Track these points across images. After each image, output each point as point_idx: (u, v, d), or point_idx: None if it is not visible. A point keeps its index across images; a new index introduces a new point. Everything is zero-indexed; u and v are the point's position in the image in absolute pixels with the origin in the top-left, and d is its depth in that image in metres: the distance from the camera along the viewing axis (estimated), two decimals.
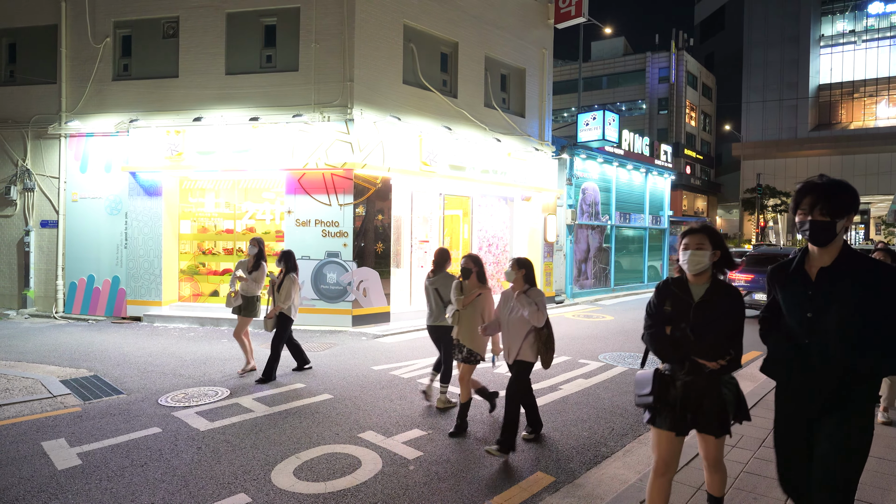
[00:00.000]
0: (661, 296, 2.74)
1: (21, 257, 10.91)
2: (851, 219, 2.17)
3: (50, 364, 6.83)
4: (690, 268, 2.63)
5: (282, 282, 6.33)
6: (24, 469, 3.83)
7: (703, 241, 2.65)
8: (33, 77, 10.93)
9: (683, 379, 2.63)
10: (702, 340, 2.57)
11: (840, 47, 44.57)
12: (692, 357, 2.60)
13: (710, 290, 2.64)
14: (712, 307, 2.60)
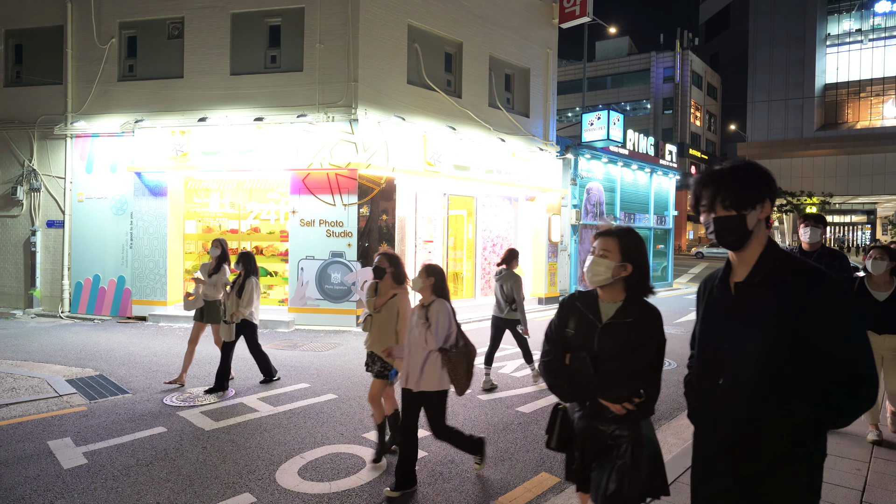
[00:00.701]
0: (563, 314, 2.21)
1: (27, 257, 10.96)
2: (768, 208, 1.65)
3: (56, 363, 6.86)
4: (588, 278, 2.13)
5: (242, 285, 5.78)
6: (30, 468, 3.84)
7: (610, 247, 2.12)
8: (39, 78, 10.99)
9: (581, 424, 2.11)
10: (604, 375, 2.03)
11: (846, 46, 44.34)
12: (593, 397, 2.07)
13: (622, 309, 2.10)
14: (622, 332, 2.05)
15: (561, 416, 2.19)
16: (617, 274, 2.09)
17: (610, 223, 15.00)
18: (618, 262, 2.10)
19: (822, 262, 4.28)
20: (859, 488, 3.51)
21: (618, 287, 2.13)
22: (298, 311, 9.69)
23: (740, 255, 1.66)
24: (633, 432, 2.04)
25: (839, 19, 44.53)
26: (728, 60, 54.94)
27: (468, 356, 3.60)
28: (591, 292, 2.20)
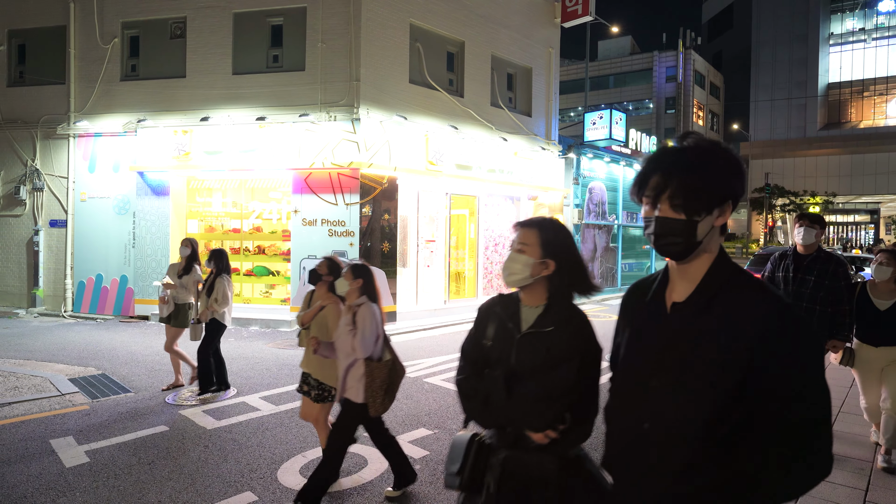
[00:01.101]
0: (481, 321, 1.84)
1: (30, 256, 10.99)
2: (729, 212, 1.25)
3: (59, 362, 6.87)
4: (504, 278, 1.78)
5: (212, 283, 5.44)
6: (32, 466, 3.85)
7: (528, 240, 1.75)
8: (42, 78, 11.01)
9: (500, 455, 1.71)
10: (521, 396, 1.66)
11: (850, 45, 44.19)
12: (508, 423, 1.70)
13: (542, 316, 1.73)
14: (542, 343, 1.69)
15: (476, 448, 1.75)
16: (537, 273, 1.72)
17: (612, 224, 14.99)
18: (538, 259, 1.73)
19: (816, 266, 3.94)
20: (863, 488, 3.49)
21: (540, 288, 1.75)
22: (300, 310, 9.68)
23: (683, 267, 1.27)
24: (559, 467, 1.66)
25: (842, 18, 44.39)
26: (731, 60, 54.82)
27: (392, 374, 3.27)
28: (513, 295, 1.82)
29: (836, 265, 3.94)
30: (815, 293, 3.91)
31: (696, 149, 1.25)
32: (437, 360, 7.34)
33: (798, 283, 3.97)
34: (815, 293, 3.91)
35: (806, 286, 3.95)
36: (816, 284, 3.93)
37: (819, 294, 3.90)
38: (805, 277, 3.96)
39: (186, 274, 5.81)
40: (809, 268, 3.97)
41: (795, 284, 3.98)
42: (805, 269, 3.98)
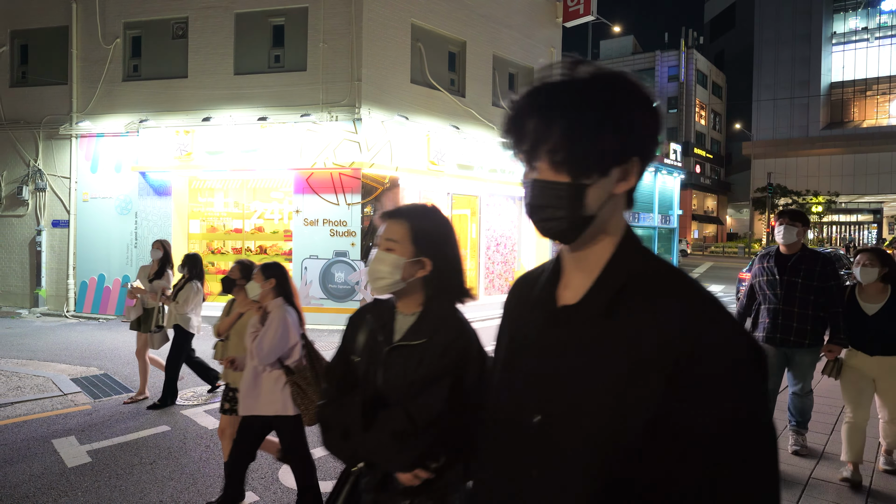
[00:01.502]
0: (351, 332, 1.52)
1: (33, 257, 11.02)
2: (636, 172, 0.85)
3: (61, 362, 6.89)
4: (371, 283, 1.44)
5: (181, 288, 5.19)
6: (34, 466, 3.86)
7: (398, 235, 1.41)
8: (45, 78, 11.04)
9: (367, 499, 1.39)
10: (381, 426, 1.34)
11: (853, 45, 44.06)
12: (366, 459, 1.38)
13: (415, 326, 1.41)
14: (412, 359, 1.36)
15: (350, 485, 1.43)
16: (409, 275, 1.39)
17: None
18: (409, 258, 1.40)
19: (802, 267, 3.69)
20: (864, 488, 3.48)
21: (416, 293, 1.43)
22: (302, 310, 9.69)
23: (577, 254, 0.89)
24: None
25: (845, 17, 44.26)
26: (733, 59, 54.73)
27: (315, 381, 2.94)
28: (389, 300, 1.50)
29: (822, 264, 3.70)
30: (805, 296, 3.67)
31: (591, 80, 0.83)
32: None
33: (786, 286, 3.72)
34: (805, 296, 3.67)
35: (794, 289, 3.70)
36: (805, 287, 3.67)
37: (810, 297, 3.66)
38: (792, 280, 3.71)
39: (158, 278, 5.51)
40: (795, 269, 3.72)
41: (783, 288, 3.73)
42: (790, 270, 3.73)
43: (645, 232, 17.68)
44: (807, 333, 3.70)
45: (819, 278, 3.66)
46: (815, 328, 3.71)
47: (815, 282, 3.66)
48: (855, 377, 3.57)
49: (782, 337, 3.74)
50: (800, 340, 3.71)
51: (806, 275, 3.69)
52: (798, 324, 3.70)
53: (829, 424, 4.71)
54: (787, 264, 3.75)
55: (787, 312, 3.72)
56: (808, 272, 3.69)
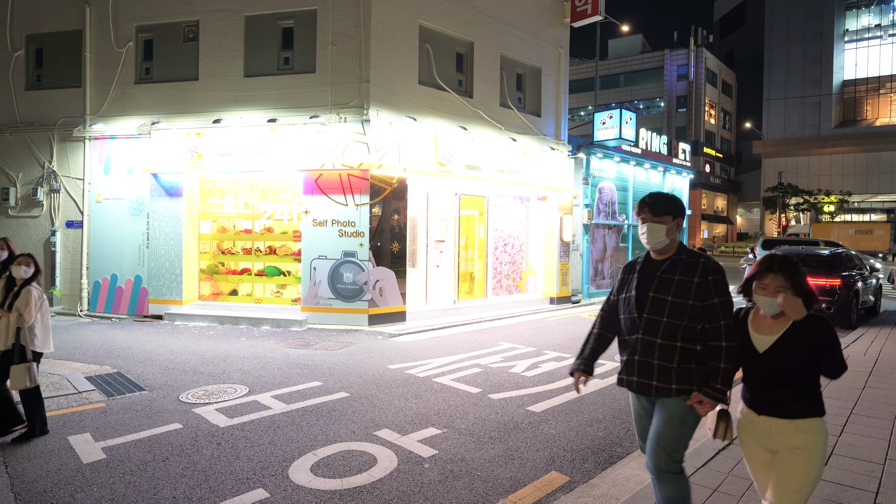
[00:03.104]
0: None
1: (47, 257, 11.20)
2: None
3: (75, 361, 7.01)
4: None
5: (17, 295, 4.41)
6: (51, 462, 3.95)
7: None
8: (59, 81, 11.21)
9: None
10: None
11: (865, 42, 43.55)
12: None
13: None
14: None
15: None
16: None
17: (622, 223, 14.98)
18: None
19: (674, 277, 2.54)
20: (873, 490, 3.48)
21: None
22: (311, 310, 9.79)
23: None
24: None
25: (857, 14, 43.75)
26: (743, 57, 54.29)
27: None
28: None
29: (704, 271, 2.50)
30: (674, 322, 2.49)
31: None
32: (446, 359, 7.38)
33: (650, 306, 2.54)
34: (674, 322, 2.49)
35: (660, 311, 2.52)
36: (675, 307, 2.49)
37: (681, 323, 2.48)
38: (658, 297, 2.53)
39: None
40: (664, 281, 2.55)
41: (641, 309, 2.57)
42: (658, 283, 2.55)
43: None
44: (672, 375, 2.50)
45: (697, 294, 2.49)
46: (686, 369, 2.51)
47: (690, 299, 2.49)
48: (753, 446, 2.43)
49: (640, 380, 2.58)
50: (664, 385, 2.52)
51: (679, 289, 2.52)
52: (661, 360, 2.53)
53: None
54: (656, 274, 2.59)
55: (647, 344, 2.56)
56: (683, 286, 2.52)
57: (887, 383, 6.04)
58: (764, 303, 2.34)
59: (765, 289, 2.34)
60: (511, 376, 6.51)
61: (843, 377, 2.64)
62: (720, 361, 2.44)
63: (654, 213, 2.58)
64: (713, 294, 2.48)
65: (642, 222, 2.60)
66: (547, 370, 6.82)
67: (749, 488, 3.45)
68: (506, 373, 6.65)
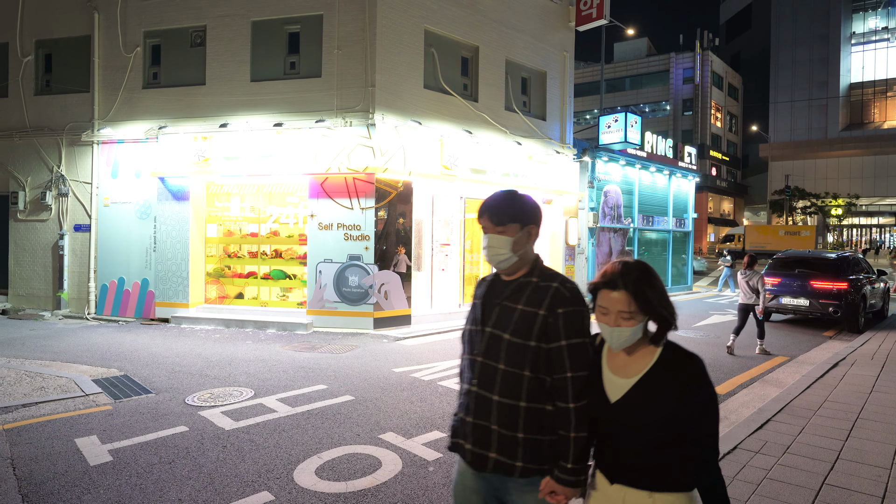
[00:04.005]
0: None
1: (55, 260, 11.29)
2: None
3: (83, 364, 7.06)
4: None
5: None
6: (58, 464, 3.98)
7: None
8: (68, 86, 11.33)
9: None
10: None
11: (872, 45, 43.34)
12: None
13: None
14: None
15: None
16: None
17: (627, 227, 14.95)
18: None
19: (518, 305, 1.82)
20: (879, 494, 3.46)
21: None
22: (316, 313, 9.82)
23: None
24: None
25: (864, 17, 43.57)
26: (749, 60, 54.12)
27: None
28: None
29: (553, 301, 1.77)
30: (513, 371, 1.78)
31: None
32: (450, 363, 7.38)
33: (486, 347, 1.84)
34: (513, 371, 1.78)
35: (495, 354, 1.81)
36: (514, 350, 1.78)
37: (522, 372, 1.77)
38: (495, 335, 1.83)
39: None
40: (506, 312, 1.84)
41: (475, 349, 1.87)
42: (499, 314, 1.85)
43: (659, 235, 17.57)
44: (518, 449, 1.77)
45: (543, 333, 1.77)
46: (538, 440, 1.78)
47: (532, 339, 1.77)
48: None
49: (475, 450, 1.82)
50: (506, 461, 1.77)
51: (521, 324, 1.79)
52: (502, 426, 1.78)
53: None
54: (499, 300, 1.88)
55: (482, 401, 1.82)
56: (524, 320, 1.79)
57: (895, 387, 5.99)
58: (605, 333, 1.73)
59: (605, 312, 1.70)
60: None
61: (850, 381, 1.94)
62: (569, 429, 1.72)
63: (495, 221, 1.90)
64: (561, 333, 1.74)
65: (483, 233, 1.93)
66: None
67: (754, 492, 3.43)
68: None
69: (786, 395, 5.68)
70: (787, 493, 3.44)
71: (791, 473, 3.74)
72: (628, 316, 1.68)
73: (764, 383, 6.60)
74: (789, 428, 4.67)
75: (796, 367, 7.46)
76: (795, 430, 4.64)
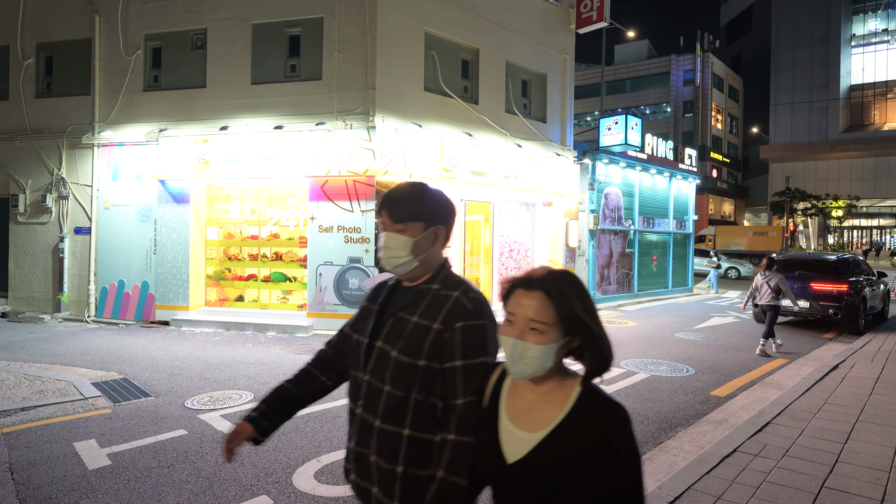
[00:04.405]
0: None
1: (55, 263, 11.30)
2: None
3: (82, 367, 7.06)
4: None
5: None
6: (56, 468, 3.98)
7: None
8: (68, 89, 11.35)
9: None
10: None
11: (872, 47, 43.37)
12: None
13: None
14: None
15: None
16: None
17: (628, 229, 14.91)
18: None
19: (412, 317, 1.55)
20: (878, 497, 3.45)
21: None
22: (317, 315, 9.82)
23: None
24: None
25: (864, 19, 43.61)
26: (750, 62, 54.14)
27: None
28: None
29: (451, 313, 1.50)
30: (398, 394, 1.49)
31: None
32: None
33: (374, 363, 1.56)
34: (398, 394, 1.49)
35: (382, 373, 1.52)
36: (401, 370, 1.50)
37: (408, 395, 1.49)
38: (384, 350, 1.55)
39: None
40: (399, 324, 1.57)
41: (364, 365, 1.58)
42: (392, 326, 1.58)
43: (660, 238, 17.56)
44: (395, 485, 1.48)
45: (434, 350, 1.49)
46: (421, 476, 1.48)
47: (422, 357, 1.49)
48: None
49: (359, 482, 1.57)
50: (385, 501, 1.50)
51: (411, 339, 1.52)
52: (381, 456, 1.51)
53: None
54: (394, 311, 1.62)
55: (364, 426, 1.55)
56: (416, 334, 1.52)
57: (895, 390, 5.98)
58: (507, 350, 1.29)
59: (512, 321, 1.29)
60: None
61: (850, 383, 1.75)
62: (440, 468, 1.39)
63: (395, 218, 1.60)
64: (456, 352, 1.45)
65: (382, 230, 1.64)
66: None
67: (753, 495, 3.43)
68: None
69: (786, 397, 5.67)
70: (786, 497, 3.43)
71: (790, 476, 3.73)
72: (540, 328, 1.24)
73: (764, 385, 6.59)
74: (789, 431, 4.66)
75: (796, 369, 7.45)
76: (795, 432, 4.63)
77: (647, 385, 6.47)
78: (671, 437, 4.82)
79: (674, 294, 17.59)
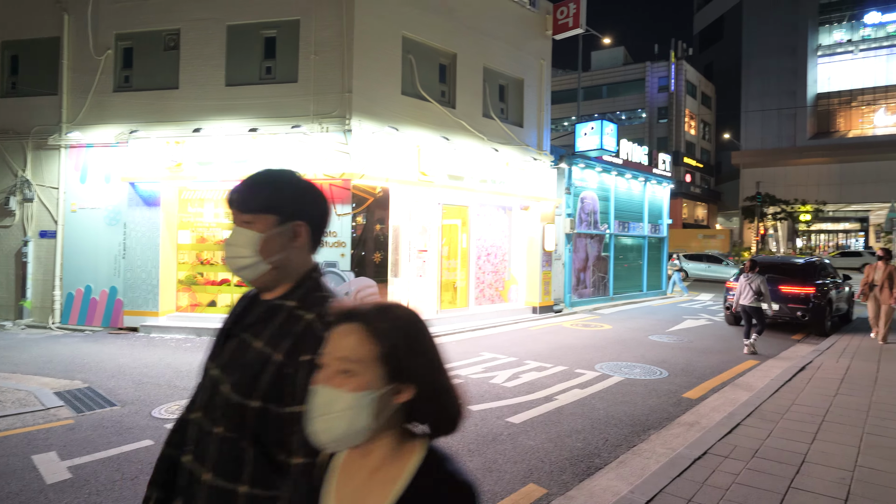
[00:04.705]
0: None
1: (18, 268, 10.92)
2: None
3: (44, 376, 6.82)
4: None
5: None
6: (12, 484, 3.81)
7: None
8: (35, 88, 11.01)
9: None
10: None
11: (838, 57, 44.85)
12: None
13: None
14: None
15: None
16: None
17: (604, 233, 15.02)
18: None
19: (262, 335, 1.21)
20: (842, 497, 3.52)
21: None
22: None
23: None
24: None
25: (830, 30, 45.10)
26: (722, 70, 55.43)
27: None
28: None
29: (299, 343, 1.15)
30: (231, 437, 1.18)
31: None
32: None
33: (208, 399, 1.25)
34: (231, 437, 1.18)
35: (213, 412, 1.22)
36: (232, 410, 1.18)
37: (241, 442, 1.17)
38: (218, 381, 1.23)
39: None
40: (241, 349, 1.24)
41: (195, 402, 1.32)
42: (234, 351, 1.25)
43: (635, 241, 17.80)
44: None
45: (274, 389, 1.15)
46: None
47: (256, 398, 1.16)
48: None
49: None
50: None
51: (246, 371, 1.19)
52: None
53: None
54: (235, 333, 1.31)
55: (193, 480, 1.26)
56: (252, 365, 1.19)
57: (858, 390, 6.13)
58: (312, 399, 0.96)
59: (324, 365, 0.96)
60: (491, 387, 6.49)
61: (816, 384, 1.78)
62: None
63: (242, 207, 1.30)
64: (298, 394, 1.12)
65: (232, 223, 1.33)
66: (527, 380, 6.81)
67: (723, 497, 3.47)
68: (486, 383, 6.63)
69: (755, 398, 5.78)
70: (755, 498, 3.48)
71: (759, 478, 3.79)
72: (352, 368, 0.92)
73: (734, 387, 6.70)
74: (758, 432, 4.74)
75: (766, 371, 7.59)
76: (764, 433, 4.71)
77: (621, 388, 6.52)
78: (644, 440, 4.86)
79: (648, 297, 17.84)
